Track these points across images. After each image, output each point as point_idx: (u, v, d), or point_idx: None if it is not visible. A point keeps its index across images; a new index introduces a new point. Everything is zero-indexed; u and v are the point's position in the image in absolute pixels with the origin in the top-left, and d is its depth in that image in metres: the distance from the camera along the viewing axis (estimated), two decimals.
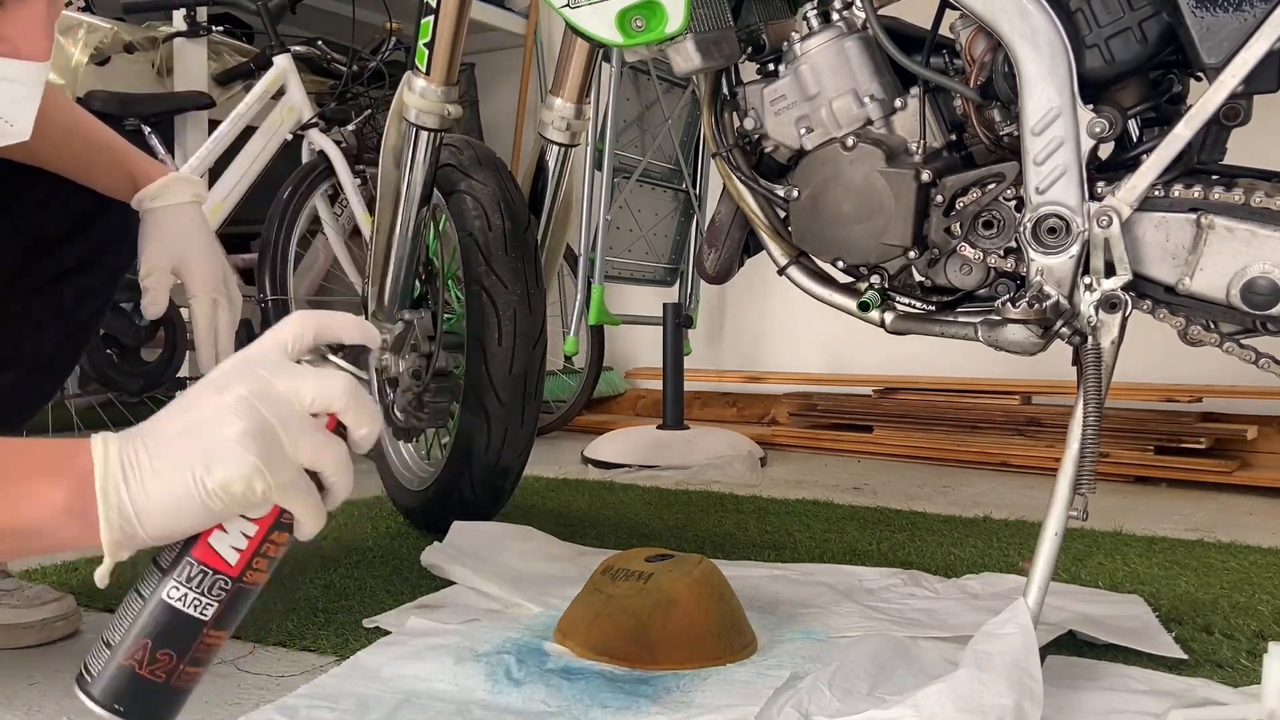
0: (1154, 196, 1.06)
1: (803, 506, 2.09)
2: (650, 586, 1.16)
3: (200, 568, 0.68)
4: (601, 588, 1.20)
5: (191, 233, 1.09)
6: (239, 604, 0.71)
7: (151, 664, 0.67)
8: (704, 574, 1.19)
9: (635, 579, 1.18)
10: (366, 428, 0.70)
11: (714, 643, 1.14)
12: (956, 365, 2.99)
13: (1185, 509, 2.15)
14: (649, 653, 1.13)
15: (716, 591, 1.19)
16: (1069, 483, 1.06)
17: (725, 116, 1.27)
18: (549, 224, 1.82)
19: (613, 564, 1.23)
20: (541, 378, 1.70)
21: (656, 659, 1.13)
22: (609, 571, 1.22)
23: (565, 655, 1.16)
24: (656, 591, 1.16)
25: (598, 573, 1.23)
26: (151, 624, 0.68)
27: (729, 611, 1.19)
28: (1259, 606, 1.38)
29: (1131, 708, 1.02)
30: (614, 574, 1.21)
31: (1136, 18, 1.05)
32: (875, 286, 1.21)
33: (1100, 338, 1.07)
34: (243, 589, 0.70)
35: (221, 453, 0.64)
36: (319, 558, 1.63)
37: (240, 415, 0.64)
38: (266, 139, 2.70)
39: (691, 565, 1.20)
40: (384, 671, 1.11)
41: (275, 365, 0.68)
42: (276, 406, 0.66)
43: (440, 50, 1.65)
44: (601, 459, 2.70)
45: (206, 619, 0.68)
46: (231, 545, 0.68)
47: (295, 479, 0.67)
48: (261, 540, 0.69)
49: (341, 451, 0.69)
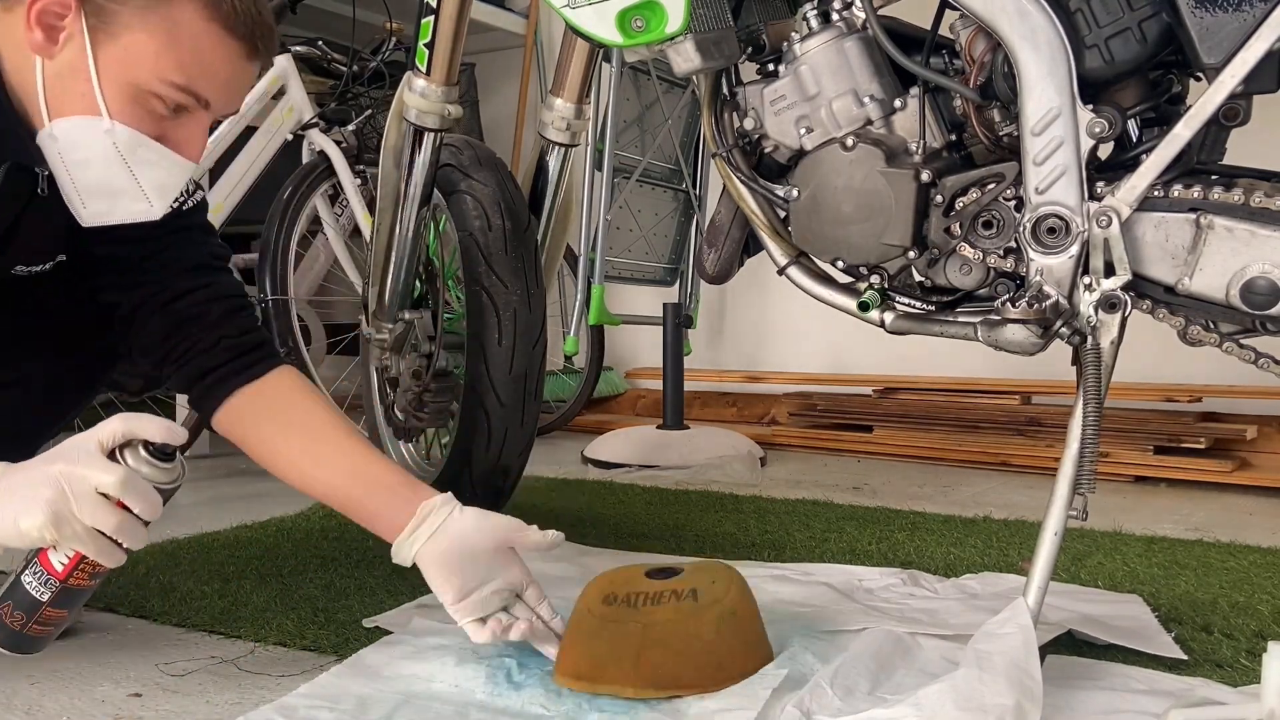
0: (1153, 196, 1.06)
1: (803, 506, 2.09)
2: (685, 612, 1.06)
3: (40, 569, 1.01)
4: (619, 618, 1.07)
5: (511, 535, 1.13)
6: (71, 596, 1.03)
7: (10, 618, 1.03)
8: (737, 597, 1.09)
9: (656, 601, 1.07)
10: (138, 507, 0.97)
11: (741, 671, 1.07)
12: (956, 365, 2.99)
13: (1185, 509, 2.15)
14: (675, 685, 1.04)
15: (751, 618, 1.11)
16: (1069, 482, 1.06)
17: (725, 116, 1.27)
18: (549, 224, 1.82)
19: (615, 591, 1.10)
20: (541, 378, 1.70)
21: (684, 689, 1.04)
22: (615, 600, 1.09)
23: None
24: (693, 618, 1.05)
25: (597, 601, 1.09)
26: (11, 594, 1.03)
27: (760, 636, 1.12)
28: (1259, 606, 1.38)
29: (1131, 707, 1.02)
30: (630, 601, 1.08)
31: (1136, 18, 1.05)
32: (875, 286, 1.21)
33: (1100, 338, 1.07)
34: (68, 588, 1.02)
35: (28, 509, 0.95)
36: (319, 558, 1.64)
37: (48, 486, 0.95)
38: (267, 139, 2.70)
39: (721, 592, 1.09)
40: (384, 671, 1.12)
41: (84, 457, 0.97)
42: (72, 484, 0.95)
43: (440, 50, 1.65)
44: (601, 459, 2.70)
45: (44, 601, 1.02)
46: (59, 560, 1.00)
47: (80, 532, 0.96)
48: (77, 564, 1.00)
49: (116, 518, 0.96)
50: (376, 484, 1.17)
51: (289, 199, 2.63)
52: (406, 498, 1.13)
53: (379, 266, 1.82)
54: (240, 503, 2.09)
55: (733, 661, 1.06)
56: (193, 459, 2.75)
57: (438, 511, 1.12)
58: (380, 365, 1.93)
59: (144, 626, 1.33)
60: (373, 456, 1.19)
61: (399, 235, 1.78)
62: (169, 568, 1.57)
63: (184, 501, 2.22)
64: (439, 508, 1.12)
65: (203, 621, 1.32)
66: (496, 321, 1.64)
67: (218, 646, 1.25)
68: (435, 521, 1.11)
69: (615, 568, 1.16)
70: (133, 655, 1.22)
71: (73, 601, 1.04)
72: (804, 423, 3.08)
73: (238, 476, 2.28)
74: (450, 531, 1.11)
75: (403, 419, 1.87)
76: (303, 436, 1.20)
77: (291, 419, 1.21)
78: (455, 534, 1.11)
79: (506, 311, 1.64)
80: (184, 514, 2.04)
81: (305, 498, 1.27)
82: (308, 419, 1.21)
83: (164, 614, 1.36)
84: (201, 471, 2.61)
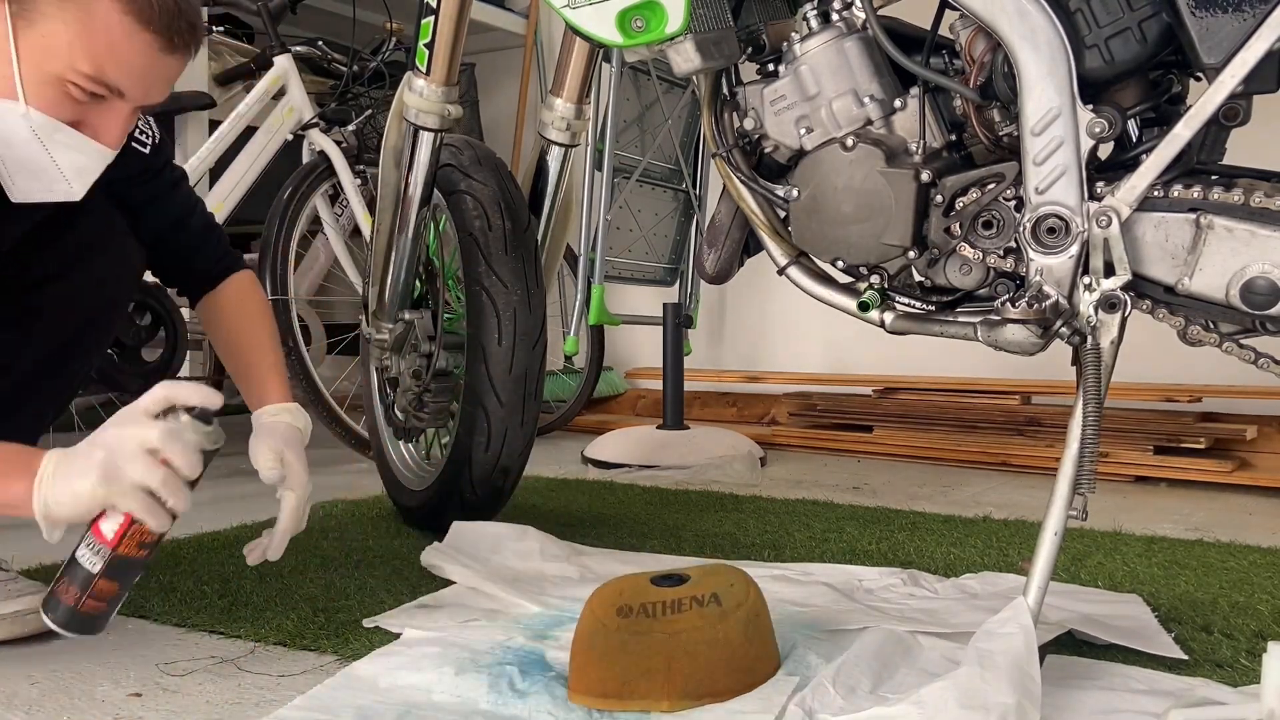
0: (1153, 196, 1.06)
1: (802, 506, 2.09)
2: (703, 626, 1.03)
3: (92, 539, 1.08)
4: (642, 630, 1.04)
5: (293, 444, 1.30)
6: (122, 566, 1.08)
7: (66, 593, 1.08)
8: (751, 610, 1.07)
9: (677, 609, 1.05)
10: (179, 460, 1.06)
11: (766, 674, 1.06)
12: (956, 365, 2.99)
13: (1184, 509, 2.15)
14: (709, 694, 1.02)
15: (769, 620, 1.10)
16: (1068, 482, 1.06)
17: (725, 117, 1.27)
18: (549, 224, 1.82)
19: (628, 603, 1.06)
20: (541, 378, 1.70)
21: (717, 697, 1.02)
22: (631, 611, 1.05)
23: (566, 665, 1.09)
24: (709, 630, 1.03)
25: (611, 614, 1.06)
26: (67, 570, 1.09)
27: (774, 638, 1.11)
28: (1258, 606, 1.38)
29: (1131, 707, 1.02)
30: (648, 611, 1.05)
31: (1136, 18, 1.05)
32: (875, 286, 1.21)
33: (1100, 338, 1.07)
34: (119, 557, 1.08)
35: (83, 472, 1.04)
36: (319, 558, 1.64)
37: (99, 449, 1.05)
38: (267, 139, 2.70)
39: (742, 595, 1.07)
40: (381, 682, 1.10)
41: (131, 419, 1.07)
42: (120, 444, 1.05)
43: (440, 50, 1.65)
44: (601, 459, 2.70)
45: (96, 572, 1.07)
46: (111, 528, 1.07)
47: (128, 490, 1.04)
48: (128, 527, 1.07)
49: (161, 473, 1.05)
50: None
51: (289, 199, 2.63)
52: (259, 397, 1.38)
53: (379, 266, 1.82)
54: (240, 503, 2.09)
55: (760, 665, 1.05)
56: None
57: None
58: (380, 365, 1.93)
59: (144, 626, 1.33)
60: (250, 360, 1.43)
61: (399, 235, 1.78)
62: (169, 568, 1.57)
63: None
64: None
65: (203, 621, 1.32)
66: (496, 321, 1.64)
67: (218, 646, 1.25)
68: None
69: (614, 579, 1.13)
70: (133, 655, 1.22)
71: (124, 573, 1.09)
72: (804, 423, 3.08)
73: (238, 476, 2.28)
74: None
75: (403, 419, 1.87)
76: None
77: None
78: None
79: (506, 311, 1.64)
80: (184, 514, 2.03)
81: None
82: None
83: (164, 614, 1.36)
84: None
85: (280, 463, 1.26)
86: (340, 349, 3.08)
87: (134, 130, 1.36)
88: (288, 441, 1.29)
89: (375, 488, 2.08)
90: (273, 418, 1.34)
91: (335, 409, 2.65)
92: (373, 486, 2.14)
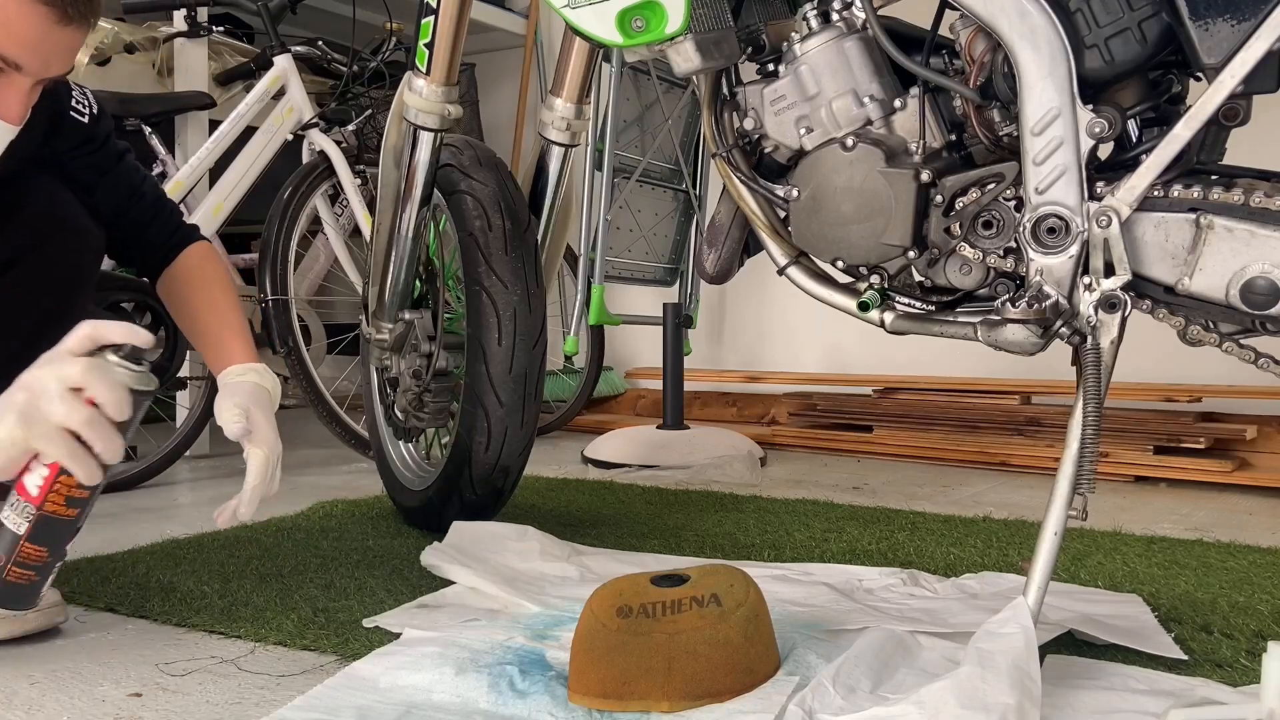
0: (1153, 196, 1.06)
1: (802, 506, 2.09)
2: (706, 627, 1.03)
3: (15, 498, 1.01)
4: (642, 630, 1.03)
5: (261, 402, 1.27)
6: (49, 528, 1.02)
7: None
8: (751, 610, 1.07)
9: (677, 609, 1.04)
10: (105, 398, 1.00)
11: (766, 674, 1.06)
12: (956, 365, 2.99)
13: (1184, 509, 2.15)
14: (709, 694, 1.02)
15: (769, 620, 1.10)
16: (1068, 482, 1.06)
17: (725, 117, 1.27)
18: (549, 224, 1.82)
19: (628, 603, 1.06)
20: (541, 378, 1.70)
21: (717, 697, 1.02)
22: (631, 612, 1.05)
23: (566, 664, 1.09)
24: (710, 631, 1.03)
25: (610, 614, 1.05)
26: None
27: (771, 642, 1.10)
28: (1258, 606, 1.38)
29: (1131, 707, 1.02)
30: (648, 612, 1.05)
31: (1136, 18, 1.05)
32: (875, 286, 1.21)
33: (1100, 338, 1.07)
34: (45, 515, 1.01)
35: (1, 417, 0.99)
36: (319, 557, 1.64)
37: (20, 390, 1.00)
38: (267, 139, 2.70)
39: (742, 595, 1.07)
40: (381, 682, 1.10)
41: (54, 360, 1.01)
42: (41, 384, 0.99)
43: (440, 50, 1.65)
44: (601, 459, 2.70)
45: (21, 533, 1.01)
46: (35, 481, 1.00)
47: (50, 432, 0.99)
48: (53, 479, 1.00)
49: (85, 412, 0.99)
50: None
51: (289, 199, 2.63)
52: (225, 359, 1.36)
53: (379, 266, 1.82)
54: None
55: (760, 665, 1.05)
56: (193, 459, 2.75)
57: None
58: (380, 365, 1.93)
59: (144, 626, 1.33)
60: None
61: (399, 235, 1.78)
62: (169, 568, 1.57)
63: (184, 501, 2.22)
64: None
65: (203, 621, 1.32)
66: (496, 321, 1.64)
67: (218, 646, 1.25)
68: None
69: (613, 579, 1.12)
70: (133, 655, 1.22)
71: (53, 536, 1.02)
72: (804, 423, 3.08)
73: (238, 476, 2.28)
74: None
75: (403, 419, 1.87)
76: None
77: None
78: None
79: (506, 311, 1.64)
80: (184, 514, 2.04)
81: (305, 498, 1.29)
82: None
83: (164, 614, 1.36)
84: (202, 471, 2.61)
85: (245, 417, 1.23)
86: (340, 349, 3.09)
87: (71, 101, 1.37)
88: (254, 399, 1.26)
89: (375, 488, 2.08)
90: (238, 377, 1.30)
91: (335, 409, 2.65)
92: (373, 486, 2.14)
